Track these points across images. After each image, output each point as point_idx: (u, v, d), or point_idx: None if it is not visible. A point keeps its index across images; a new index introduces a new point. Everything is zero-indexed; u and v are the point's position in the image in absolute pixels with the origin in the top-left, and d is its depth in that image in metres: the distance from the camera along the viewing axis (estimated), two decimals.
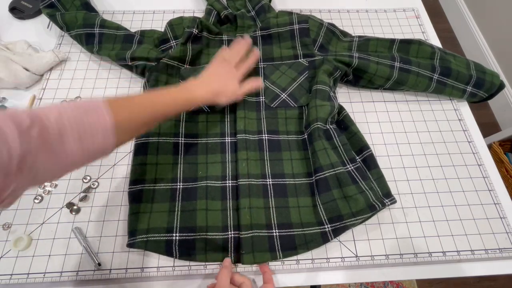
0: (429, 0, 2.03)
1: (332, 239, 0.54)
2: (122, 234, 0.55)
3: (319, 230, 0.54)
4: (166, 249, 0.52)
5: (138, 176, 0.57)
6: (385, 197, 0.56)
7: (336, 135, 0.61)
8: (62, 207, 0.58)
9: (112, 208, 0.58)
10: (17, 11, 0.82)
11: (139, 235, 0.52)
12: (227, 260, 0.51)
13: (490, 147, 1.29)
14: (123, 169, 0.62)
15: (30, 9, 0.81)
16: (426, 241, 0.56)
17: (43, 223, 0.56)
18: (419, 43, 0.73)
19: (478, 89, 0.70)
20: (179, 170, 0.59)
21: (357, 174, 0.58)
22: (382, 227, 0.57)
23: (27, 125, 0.31)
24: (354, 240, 0.56)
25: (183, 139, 0.62)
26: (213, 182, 0.58)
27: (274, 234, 0.54)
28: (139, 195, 0.56)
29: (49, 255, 0.53)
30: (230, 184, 0.58)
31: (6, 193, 0.31)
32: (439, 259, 0.55)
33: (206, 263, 0.53)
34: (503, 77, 1.58)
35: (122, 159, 0.63)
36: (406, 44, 0.74)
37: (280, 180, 0.59)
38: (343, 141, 0.61)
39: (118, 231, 0.56)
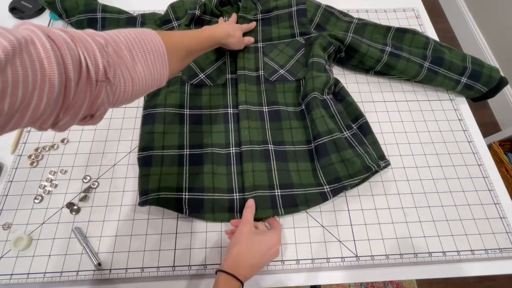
0: (429, 0, 2.03)
1: (330, 197, 0.58)
2: (122, 234, 0.55)
3: (318, 191, 0.58)
4: (176, 205, 0.55)
5: (146, 143, 0.60)
6: (380, 159, 0.60)
7: (332, 104, 0.65)
8: (62, 207, 0.58)
9: (112, 208, 0.58)
10: (17, 11, 0.82)
11: (151, 194, 0.55)
12: (251, 201, 0.55)
13: (490, 147, 1.29)
14: (123, 169, 0.62)
15: (30, 9, 0.81)
16: (426, 241, 0.56)
17: (43, 223, 0.56)
18: (414, 33, 0.74)
19: (475, 81, 0.70)
20: (185, 138, 0.62)
21: (353, 139, 0.61)
22: (382, 227, 0.57)
23: (104, 41, 0.35)
24: (354, 240, 0.56)
25: (188, 110, 0.65)
26: (217, 149, 0.62)
27: (276, 193, 0.57)
28: (148, 160, 0.59)
29: (49, 255, 0.53)
30: (234, 151, 0.62)
31: (98, 101, 0.34)
32: (439, 259, 0.55)
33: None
34: None
35: (122, 159, 0.63)
36: (401, 33, 0.75)
37: (280, 146, 0.62)
38: (339, 110, 0.65)
39: (118, 231, 0.56)
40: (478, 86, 0.70)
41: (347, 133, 0.62)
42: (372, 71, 0.74)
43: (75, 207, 0.57)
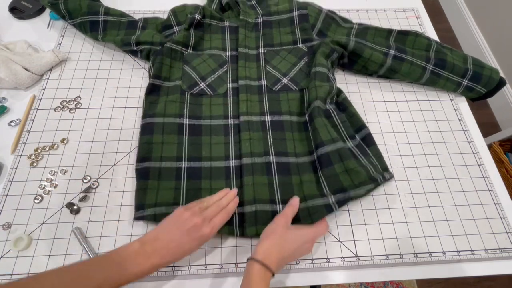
0: (429, 0, 2.03)
1: (336, 209, 0.55)
2: (122, 234, 0.55)
3: (322, 203, 0.55)
4: None
5: (145, 154, 0.59)
6: (384, 171, 0.60)
7: (335, 114, 0.64)
8: (62, 207, 0.58)
9: (112, 208, 0.58)
10: (17, 11, 0.82)
11: (147, 209, 0.55)
12: (295, 199, 0.55)
13: (490, 147, 1.29)
14: (123, 169, 0.62)
15: (30, 9, 0.81)
16: (426, 241, 0.56)
17: (43, 223, 0.56)
18: (416, 35, 0.74)
19: (475, 83, 0.70)
20: (183, 149, 0.61)
21: (357, 150, 0.60)
22: (382, 227, 0.57)
23: None
24: (354, 240, 0.56)
25: (187, 120, 0.64)
26: (217, 162, 0.60)
27: (278, 209, 0.56)
28: (146, 172, 0.58)
29: (49, 255, 0.53)
30: (233, 164, 0.60)
31: None
32: (439, 259, 0.55)
33: (206, 265, 0.53)
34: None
35: (122, 159, 0.62)
36: (403, 35, 0.75)
37: (283, 158, 0.60)
38: (342, 119, 0.63)
39: (118, 231, 0.56)
40: (479, 87, 0.71)
41: (350, 143, 0.61)
42: (375, 75, 0.73)
43: (75, 207, 0.57)
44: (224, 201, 0.53)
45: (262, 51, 0.73)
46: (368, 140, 0.62)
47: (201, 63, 0.71)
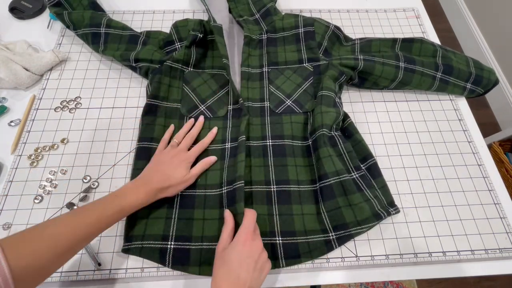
0: (429, 0, 2.03)
1: (336, 247, 0.54)
2: (122, 234, 0.55)
3: (323, 238, 0.54)
4: (160, 257, 0.52)
5: None
6: (389, 205, 0.57)
7: (341, 142, 0.61)
8: (62, 207, 0.58)
9: None
10: (17, 11, 0.82)
11: (134, 241, 0.52)
12: (228, 214, 0.52)
13: (490, 147, 1.29)
14: (123, 169, 0.62)
15: (30, 9, 0.81)
16: (426, 241, 0.56)
17: None
18: (421, 41, 0.73)
19: (477, 85, 0.71)
20: None
21: (362, 182, 0.57)
22: (382, 227, 0.57)
23: None
24: (354, 240, 0.56)
25: None
26: (211, 190, 0.58)
27: (278, 241, 0.53)
28: None
29: None
30: (226, 190, 0.57)
31: None
32: (439, 259, 0.55)
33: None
34: (502, 77, 1.58)
35: (122, 159, 0.62)
36: (408, 43, 0.74)
37: (284, 186, 0.58)
38: (348, 149, 0.60)
39: (118, 231, 0.56)
40: (478, 89, 0.72)
41: (355, 174, 0.58)
42: (385, 89, 0.72)
43: (75, 207, 0.57)
44: (194, 131, 0.61)
45: (266, 70, 0.70)
46: (374, 171, 0.60)
47: (201, 84, 0.68)
